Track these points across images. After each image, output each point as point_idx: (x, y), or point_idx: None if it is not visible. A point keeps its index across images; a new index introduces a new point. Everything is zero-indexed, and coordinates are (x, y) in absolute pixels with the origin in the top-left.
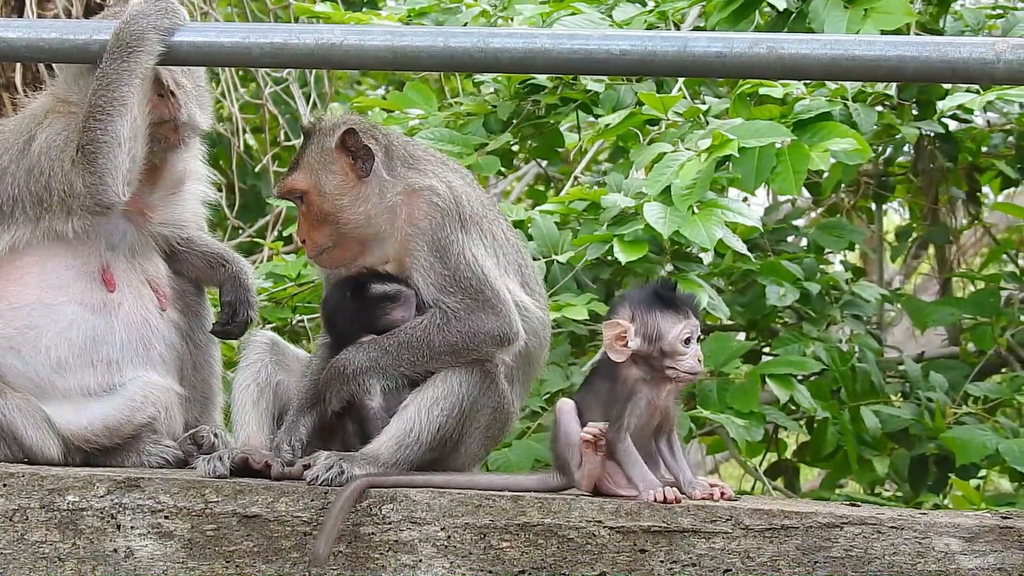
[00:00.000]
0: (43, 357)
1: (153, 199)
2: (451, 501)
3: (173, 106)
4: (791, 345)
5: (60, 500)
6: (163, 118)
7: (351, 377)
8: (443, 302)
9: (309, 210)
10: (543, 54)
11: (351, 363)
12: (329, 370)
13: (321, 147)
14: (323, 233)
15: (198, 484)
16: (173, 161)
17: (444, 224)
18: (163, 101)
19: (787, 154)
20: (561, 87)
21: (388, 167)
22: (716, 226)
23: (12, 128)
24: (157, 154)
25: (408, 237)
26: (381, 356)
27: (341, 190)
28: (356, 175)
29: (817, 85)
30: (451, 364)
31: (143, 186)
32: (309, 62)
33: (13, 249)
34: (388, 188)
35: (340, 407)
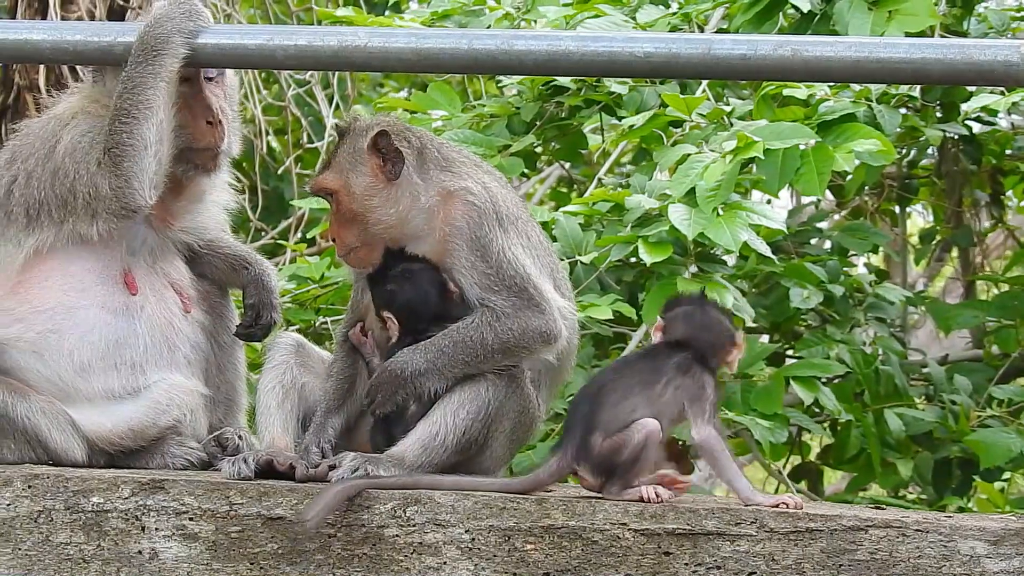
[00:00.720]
0: (66, 361)
1: (176, 207)
2: (475, 503)
3: (218, 135)
4: (815, 347)
5: (85, 502)
6: (208, 146)
7: (409, 379)
8: (491, 301)
9: (339, 209)
10: (567, 56)
11: (409, 365)
12: (384, 372)
13: (353, 147)
14: (352, 233)
15: (223, 486)
16: (201, 181)
17: (482, 223)
18: (211, 129)
19: (811, 155)
20: (585, 89)
21: (420, 170)
22: (741, 228)
23: (37, 130)
24: (189, 175)
25: (447, 237)
26: (438, 358)
27: (370, 191)
28: (386, 177)
29: (841, 87)
30: (501, 364)
31: (167, 195)
32: (333, 64)
33: (37, 253)
34: (421, 190)
35: (391, 410)
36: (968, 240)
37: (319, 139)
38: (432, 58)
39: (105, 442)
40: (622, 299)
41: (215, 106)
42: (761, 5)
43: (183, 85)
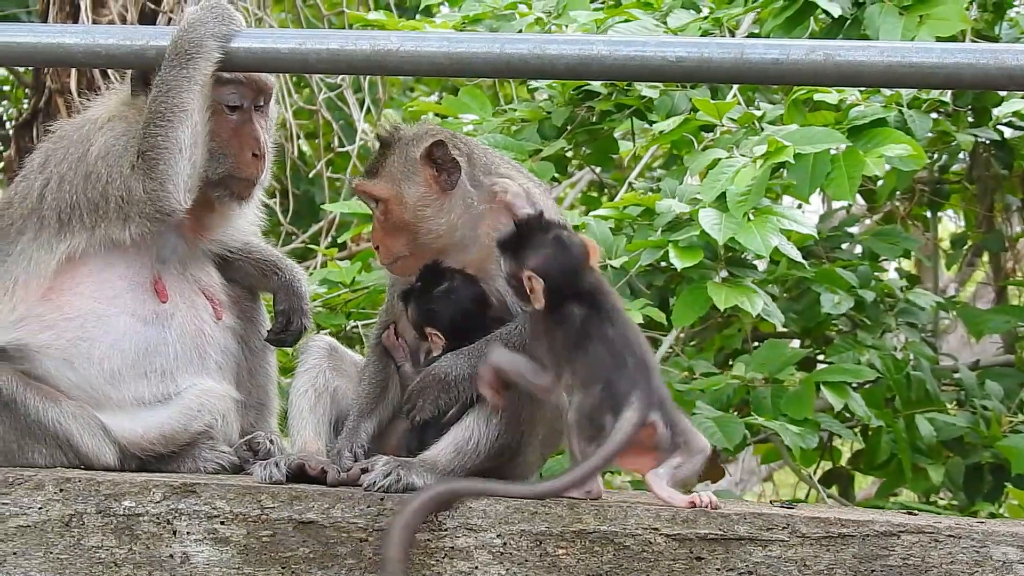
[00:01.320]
0: (96, 368)
1: (208, 221)
2: (507, 508)
3: (261, 168)
4: (845, 353)
5: (116, 505)
6: (249, 177)
7: (452, 384)
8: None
9: (387, 218)
10: (599, 60)
11: (453, 370)
12: (427, 377)
13: (405, 157)
14: (399, 241)
15: (254, 490)
16: (233, 207)
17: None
18: (256, 161)
19: (842, 160)
20: (615, 93)
21: (471, 177)
22: (771, 233)
23: (71, 133)
24: (223, 200)
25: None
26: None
27: (424, 201)
28: (440, 187)
29: (872, 91)
30: None
31: (199, 209)
32: (365, 68)
33: (69, 259)
34: (472, 198)
35: (430, 415)
36: (999, 245)
37: (350, 143)
38: (464, 62)
39: (136, 447)
40: (652, 304)
41: (262, 139)
42: (792, 10)
43: (233, 113)
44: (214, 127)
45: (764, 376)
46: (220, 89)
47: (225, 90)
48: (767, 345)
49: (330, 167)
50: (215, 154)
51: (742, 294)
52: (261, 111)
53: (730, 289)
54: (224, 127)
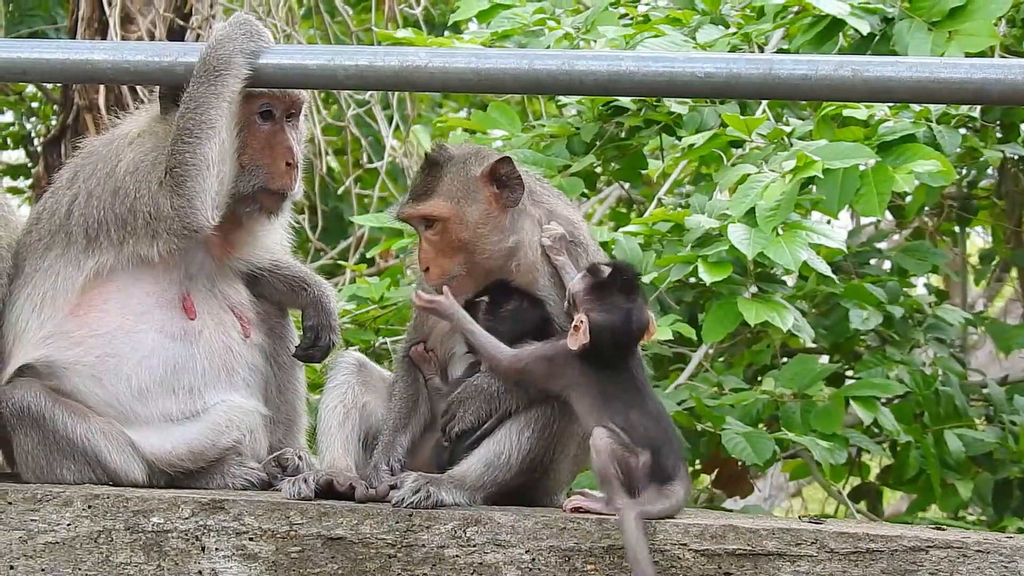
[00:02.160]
0: (124, 385)
1: (236, 239)
2: (536, 523)
3: (294, 178)
4: (874, 368)
5: (145, 522)
6: (282, 189)
7: (493, 396)
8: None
9: (442, 238)
10: (628, 76)
11: (496, 382)
12: (469, 388)
13: (464, 175)
14: (455, 261)
15: (283, 506)
16: (263, 222)
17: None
18: (289, 171)
19: (871, 176)
20: (644, 109)
21: (529, 197)
22: (801, 248)
23: (100, 149)
24: (252, 216)
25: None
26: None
27: (484, 219)
28: (500, 205)
29: (901, 107)
30: None
31: (227, 227)
32: (394, 84)
33: (98, 275)
34: (530, 218)
35: (469, 427)
36: None
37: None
38: (493, 78)
39: (164, 463)
40: (682, 319)
41: (295, 148)
42: (821, 26)
43: (265, 123)
44: (246, 139)
45: (793, 391)
46: (252, 101)
47: (258, 101)
48: (796, 360)
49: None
50: (247, 167)
51: (772, 309)
52: (292, 123)
53: (760, 304)
54: (256, 138)
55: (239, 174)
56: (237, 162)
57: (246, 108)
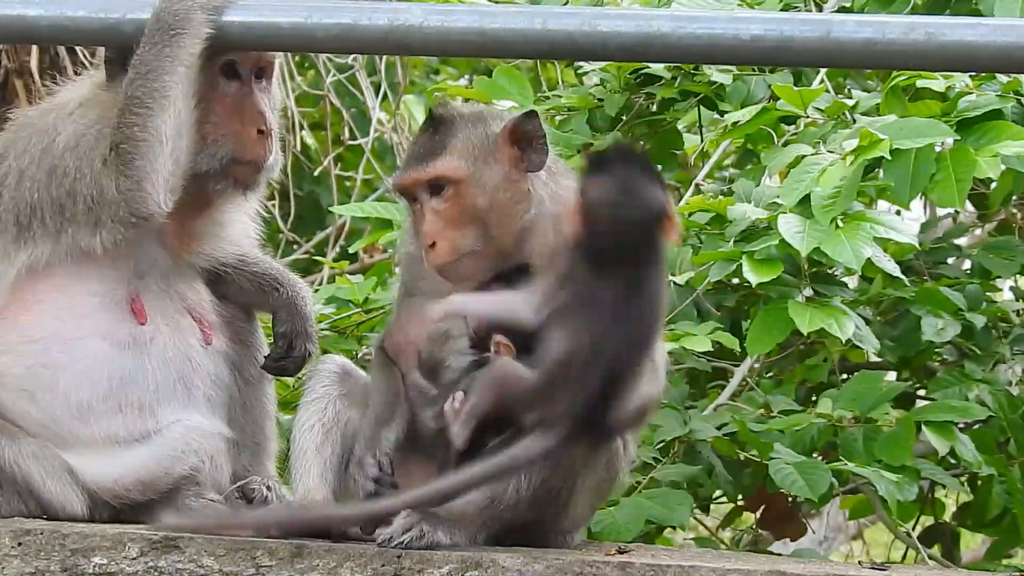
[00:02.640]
0: (61, 401)
1: (196, 230)
2: (547, 567)
3: (268, 148)
4: (951, 388)
5: (85, 562)
6: (255, 159)
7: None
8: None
9: (453, 205)
10: (660, 39)
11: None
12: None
13: (483, 131)
14: (467, 235)
15: (247, 545)
16: (234, 201)
17: None
18: (261, 139)
19: (948, 159)
20: (680, 78)
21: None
22: (864, 243)
23: (35, 121)
24: (224, 193)
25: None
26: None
27: (504, 184)
28: (520, 169)
29: (986, 78)
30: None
31: (185, 214)
32: (383, 47)
33: (31, 271)
34: (544, 190)
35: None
36: None
37: (363, 135)
38: (500, 40)
39: (109, 493)
40: (722, 328)
41: (268, 113)
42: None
43: (230, 83)
44: (209, 104)
45: (854, 414)
46: (214, 58)
47: (221, 57)
48: (858, 378)
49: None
50: (211, 137)
51: (829, 316)
52: (263, 85)
53: (815, 310)
54: (221, 103)
55: (201, 148)
56: (199, 133)
57: (207, 68)
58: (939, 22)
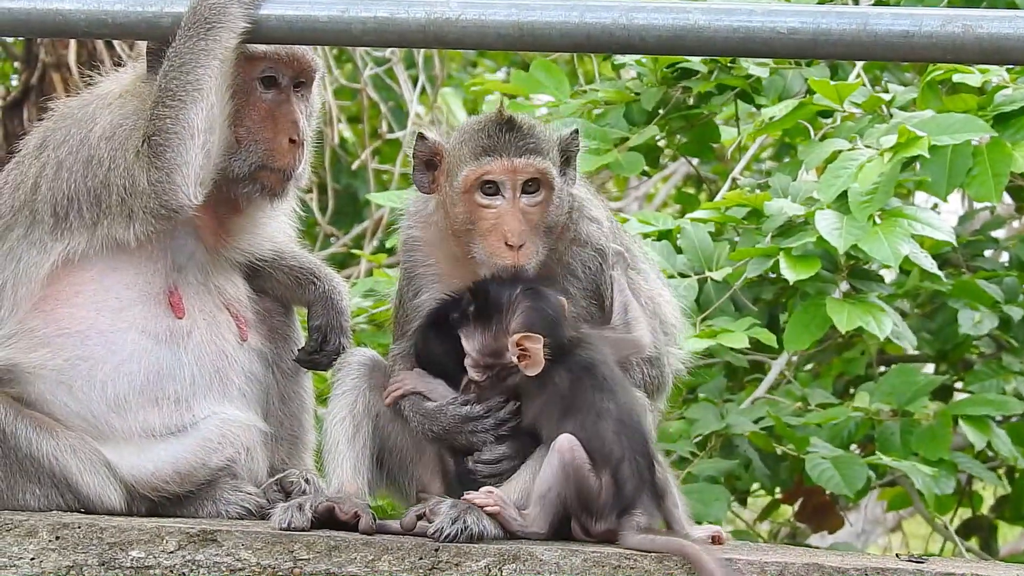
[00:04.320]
0: (98, 393)
1: (233, 225)
2: (585, 561)
3: (298, 157)
4: (988, 381)
5: (123, 556)
6: (284, 167)
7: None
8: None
9: (540, 211)
10: (696, 32)
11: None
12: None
13: (550, 139)
14: (543, 242)
15: (285, 539)
16: (263, 206)
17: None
18: (293, 148)
19: (986, 153)
20: (717, 72)
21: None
22: (902, 240)
23: (75, 111)
24: (252, 198)
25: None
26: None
27: (561, 194)
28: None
29: (1022, 71)
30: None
31: (223, 211)
32: (420, 40)
33: (68, 263)
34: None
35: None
36: None
37: (400, 128)
38: (537, 34)
39: (146, 486)
40: (759, 323)
41: (301, 123)
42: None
43: (268, 91)
44: (244, 109)
45: (892, 408)
46: (254, 64)
47: (260, 64)
48: (896, 371)
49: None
50: (244, 142)
51: (867, 313)
52: (301, 93)
53: (852, 307)
54: (256, 109)
55: (234, 150)
56: (232, 135)
57: (246, 72)
58: (976, 15)
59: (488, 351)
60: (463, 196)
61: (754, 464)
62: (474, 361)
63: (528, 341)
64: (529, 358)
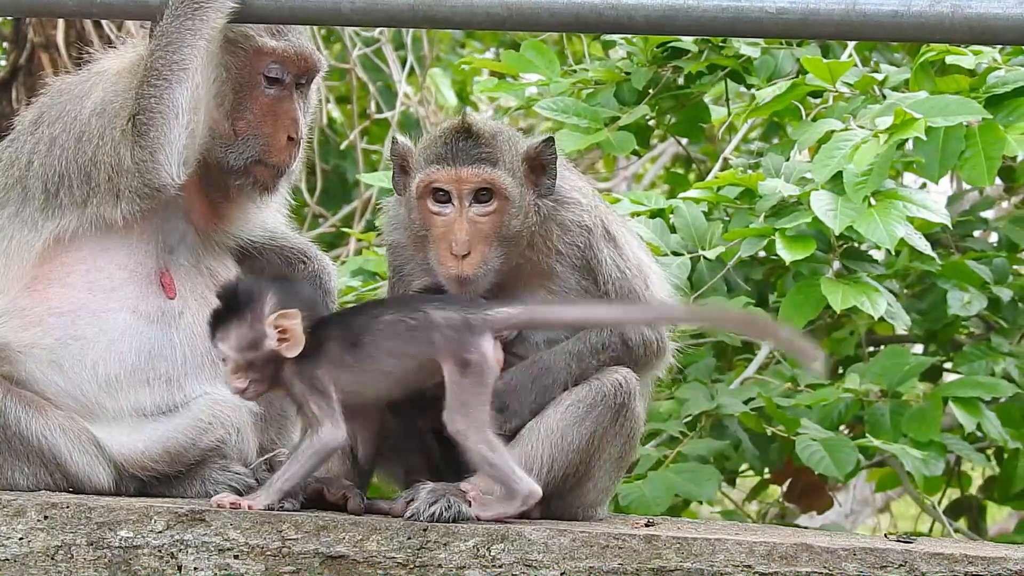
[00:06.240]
0: (89, 373)
1: (225, 211)
2: (573, 541)
3: (293, 155)
4: (977, 362)
5: (111, 536)
6: (279, 164)
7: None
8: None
9: (492, 220)
10: (686, 11)
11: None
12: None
13: (515, 151)
14: (496, 252)
15: (274, 518)
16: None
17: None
18: (290, 146)
19: (978, 136)
20: (707, 52)
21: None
22: (897, 222)
23: (72, 87)
24: (244, 190)
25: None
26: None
27: (528, 208)
28: (533, 191)
29: (1015, 52)
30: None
31: (216, 196)
32: (409, 20)
33: (58, 242)
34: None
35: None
36: None
37: (389, 108)
38: (526, 14)
39: (136, 466)
40: (752, 302)
41: (301, 122)
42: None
43: (271, 87)
44: (246, 102)
45: (881, 389)
46: (261, 58)
47: (265, 60)
48: (886, 352)
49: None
50: (242, 135)
51: (861, 293)
52: (302, 91)
53: (847, 287)
54: (258, 103)
55: (231, 141)
56: (231, 127)
57: (252, 65)
58: None
59: (245, 344)
60: (418, 203)
61: (744, 445)
62: (234, 365)
63: (285, 319)
64: (288, 339)
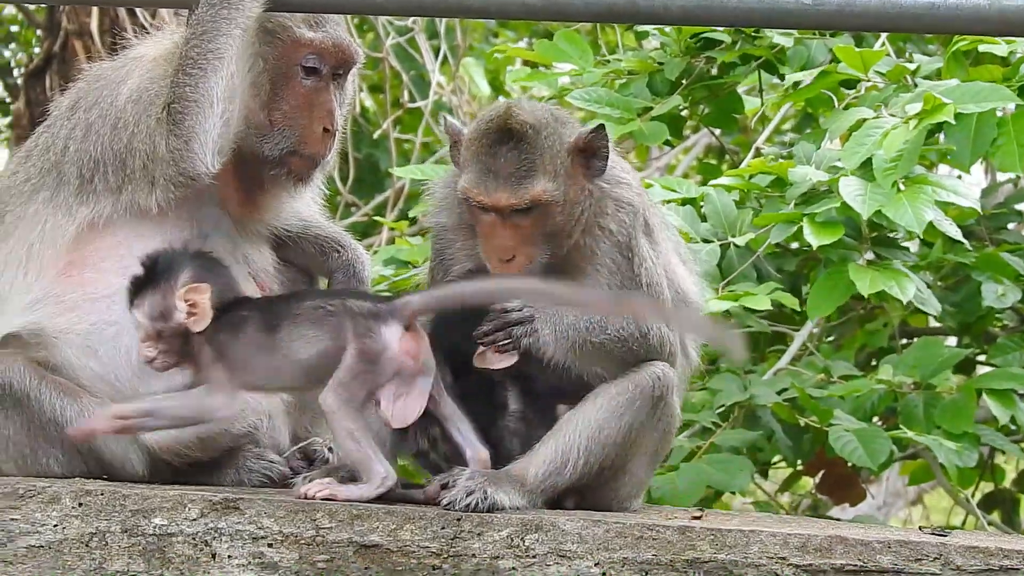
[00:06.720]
0: (124, 358)
1: (261, 200)
2: (607, 531)
3: (328, 147)
4: (1012, 354)
5: (145, 523)
6: (314, 155)
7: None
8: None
9: (536, 223)
10: (720, 3)
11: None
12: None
13: (559, 146)
14: (543, 248)
15: (308, 507)
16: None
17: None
18: (325, 137)
19: (1010, 124)
20: (741, 42)
21: None
22: (926, 206)
23: (108, 73)
24: (278, 180)
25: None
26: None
27: (578, 198)
28: (586, 179)
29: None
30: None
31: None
32: (444, 10)
33: (92, 227)
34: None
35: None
36: None
37: (422, 97)
38: (559, 4)
39: (169, 453)
40: (783, 288)
41: (336, 113)
42: None
43: (308, 78)
44: (283, 93)
45: (915, 381)
46: (299, 49)
47: (303, 51)
48: (920, 344)
49: (398, 126)
50: (278, 125)
51: (890, 278)
52: (339, 83)
53: (876, 273)
54: (295, 94)
55: (266, 132)
56: (267, 118)
57: (290, 56)
58: None
59: (156, 313)
60: (462, 200)
61: (776, 435)
62: (144, 333)
63: (194, 293)
64: (196, 313)
